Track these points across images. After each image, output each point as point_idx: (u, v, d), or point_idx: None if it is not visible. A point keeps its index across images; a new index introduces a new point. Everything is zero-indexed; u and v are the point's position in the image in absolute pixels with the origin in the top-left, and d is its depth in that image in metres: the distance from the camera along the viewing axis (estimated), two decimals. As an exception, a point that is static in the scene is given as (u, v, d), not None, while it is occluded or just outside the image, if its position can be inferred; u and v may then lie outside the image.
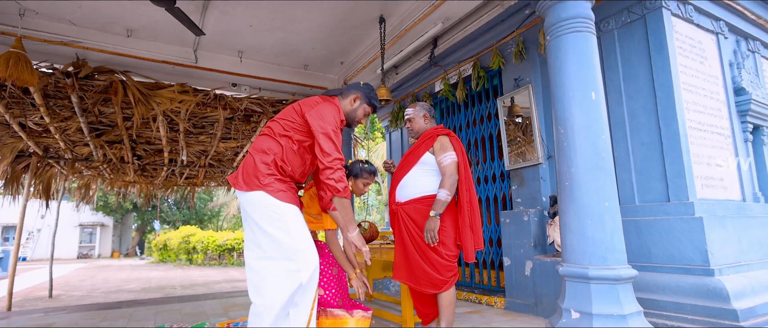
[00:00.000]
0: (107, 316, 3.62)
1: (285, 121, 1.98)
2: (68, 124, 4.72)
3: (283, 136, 1.95)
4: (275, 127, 1.99)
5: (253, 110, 4.93)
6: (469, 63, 4.10)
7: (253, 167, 1.91)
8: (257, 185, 1.88)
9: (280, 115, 2.03)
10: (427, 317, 2.44)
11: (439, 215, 2.22)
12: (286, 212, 1.86)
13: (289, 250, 1.82)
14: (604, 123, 2.28)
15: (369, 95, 2.11)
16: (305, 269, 1.81)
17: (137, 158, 6.26)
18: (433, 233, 2.19)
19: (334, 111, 1.94)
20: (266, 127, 2.03)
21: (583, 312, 2.08)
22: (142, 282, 8.97)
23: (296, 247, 1.82)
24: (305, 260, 1.82)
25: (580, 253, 2.17)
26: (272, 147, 1.94)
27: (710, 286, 2.36)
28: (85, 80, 3.92)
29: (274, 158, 1.92)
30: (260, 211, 1.87)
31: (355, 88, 2.13)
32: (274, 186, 1.88)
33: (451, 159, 2.30)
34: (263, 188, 1.87)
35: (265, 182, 1.87)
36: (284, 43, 4.36)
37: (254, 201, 1.88)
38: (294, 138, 1.95)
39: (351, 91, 2.11)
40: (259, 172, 1.89)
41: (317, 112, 1.91)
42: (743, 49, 3.61)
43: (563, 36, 2.39)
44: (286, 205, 1.88)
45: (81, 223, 21.40)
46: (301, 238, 1.85)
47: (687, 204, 2.61)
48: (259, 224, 1.87)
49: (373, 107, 2.13)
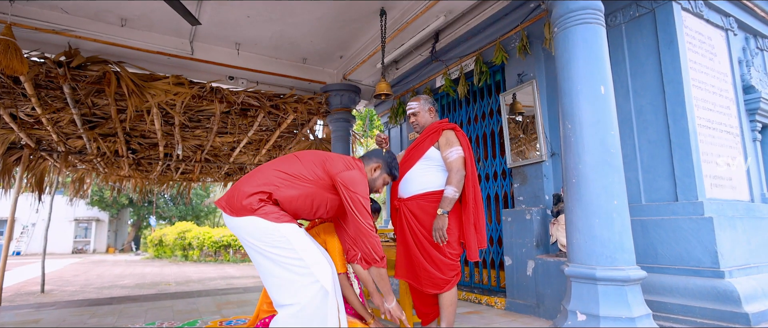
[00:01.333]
0: (96, 312, 3.52)
1: (300, 167, 1.89)
2: (61, 116, 4.61)
3: (300, 179, 1.86)
4: (286, 167, 1.88)
5: (251, 104, 4.82)
6: (472, 58, 4.01)
7: (242, 199, 1.79)
8: (247, 212, 1.78)
9: (293, 162, 1.91)
10: (427, 317, 2.35)
11: (447, 213, 2.14)
12: (283, 231, 1.78)
13: (300, 267, 1.75)
14: (613, 118, 2.20)
15: (390, 165, 2.10)
16: (324, 278, 1.76)
17: (132, 152, 6.15)
18: (442, 232, 2.11)
19: (364, 181, 1.90)
20: (273, 168, 1.90)
21: (589, 314, 2.00)
22: (136, 278, 8.87)
23: (306, 262, 1.76)
24: (321, 272, 1.77)
25: (587, 253, 2.09)
26: (273, 181, 1.83)
27: (720, 288, 2.28)
28: (78, 70, 3.81)
29: (271, 195, 1.82)
30: (257, 235, 1.78)
31: (376, 156, 2.10)
32: (265, 210, 1.79)
33: (457, 154, 2.21)
34: (254, 214, 1.78)
35: (256, 207, 1.78)
36: (282, 35, 4.26)
37: (245, 225, 1.79)
38: (313, 185, 1.87)
39: (372, 158, 2.08)
40: (250, 203, 1.78)
41: (349, 178, 1.86)
42: (752, 46, 3.54)
43: (572, 28, 2.30)
44: (283, 224, 1.79)
45: (76, 217, 21.26)
46: (308, 252, 1.79)
47: (696, 204, 2.53)
48: (261, 248, 1.78)
49: (393, 177, 2.13)
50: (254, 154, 6.81)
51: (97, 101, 4.41)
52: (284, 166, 1.90)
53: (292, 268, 1.75)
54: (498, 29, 3.73)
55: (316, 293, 1.74)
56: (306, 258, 1.76)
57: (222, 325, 2.69)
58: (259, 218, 1.77)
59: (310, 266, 1.76)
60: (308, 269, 1.75)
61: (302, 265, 1.75)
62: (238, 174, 8.02)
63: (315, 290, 1.74)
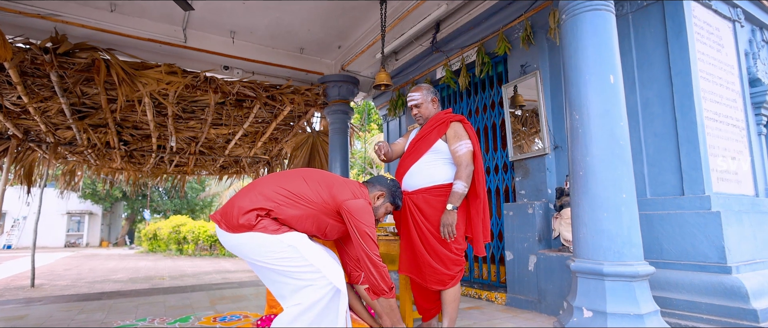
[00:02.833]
0: (85, 308, 3.41)
1: (305, 188, 1.79)
2: (49, 105, 4.46)
3: (304, 200, 1.77)
4: (290, 185, 1.78)
5: (246, 95, 4.70)
6: (473, 48, 3.92)
7: (239, 216, 1.68)
8: (245, 229, 1.69)
9: (297, 181, 1.81)
10: (428, 312, 2.28)
11: (457, 209, 2.06)
12: (287, 240, 1.69)
13: (311, 273, 1.68)
14: (622, 108, 2.13)
15: (394, 195, 2.03)
16: (336, 279, 1.71)
17: (124, 144, 6.01)
18: (451, 228, 2.04)
19: (370, 211, 1.84)
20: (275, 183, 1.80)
21: (596, 311, 1.94)
22: (129, 272, 8.75)
23: (317, 267, 1.69)
24: (332, 274, 1.71)
25: (594, 248, 2.03)
26: (274, 198, 1.73)
27: (727, 284, 2.23)
28: (65, 57, 3.67)
29: (270, 212, 1.72)
30: (259, 251, 1.69)
31: (381, 183, 2.01)
32: (263, 224, 1.69)
33: (466, 148, 2.12)
34: (252, 230, 1.68)
35: (254, 223, 1.68)
36: (279, 23, 4.14)
37: (244, 242, 1.69)
38: (316, 208, 1.79)
39: (376, 186, 2.00)
40: (248, 220, 1.68)
41: (356, 208, 1.77)
42: (759, 39, 3.48)
43: (580, 14, 2.22)
44: (284, 235, 1.70)
45: (69, 211, 20.99)
46: (317, 257, 1.71)
47: (703, 198, 2.47)
48: (266, 262, 1.69)
49: (395, 207, 2.07)
50: (250, 146, 6.69)
51: (86, 90, 4.27)
52: (288, 183, 1.79)
53: (303, 275, 1.69)
54: (501, 19, 3.64)
55: (329, 291, 1.69)
56: (316, 263, 1.71)
57: (216, 321, 2.60)
58: (258, 233, 1.68)
59: (321, 270, 1.70)
60: (320, 273, 1.69)
61: (313, 270, 1.70)
62: (234, 167, 7.90)
63: (328, 289, 1.69)
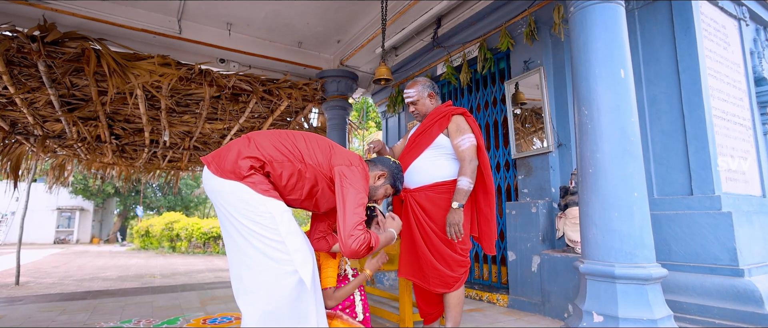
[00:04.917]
0: (68, 308, 3.26)
1: (303, 146, 1.69)
2: (36, 96, 4.31)
3: (299, 161, 1.66)
4: (288, 143, 1.68)
5: (242, 89, 4.58)
6: (475, 44, 3.83)
7: (233, 161, 1.59)
8: (235, 176, 1.58)
9: (296, 140, 1.71)
10: (430, 316, 2.18)
11: (463, 207, 1.96)
12: (270, 206, 1.56)
13: (279, 252, 1.54)
14: (633, 104, 2.05)
15: (395, 176, 1.89)
16: (303, 268, 1.55)
17: (115, 138, 5.85)
18: (458, 227, 1.93)
19: (365, 181, 1.68)
20: (274, 138, 1.70)
21: (607, 315, 1.86)
22: (119, 270, 8.58)
23: (288, 248, 1.54)
24: (302, 261, 1.55)
25: (604, 249, 1.95)
26: (270, 153, 1.63)
27: (740, 287, 2.16)
28: (54, 46, 3.53)
29: (264, 165, 1.61)
30: (238, 206, 1.56)
31: (383, 163, 1.89)
32: (254, 179, 1.58)
33: (470, 142, 2.02)
34: (242, 180, 1.57)
35: (245, 174, 1.58)
36: (277, 16, 4.03)
37: (229, 190, 1.57)
38: (310, 171, 1.67)
39: (378, 165, 1.88)
40: (239, 167, 1.58)
41: (350, 172, 1.63)
42: (763, 38, 3.44)
43: (590, 6, 2.14)
44: (270, 199, 1.58)
45: (59, 206, 20.66)
46: (292, 236, 1.57)
47: (713, 198, 2.40)
48: (239, 221, 1.56)
49: (395, 190, 1.93)
50: (245, 143, 6.56)
51: (76, 81, 4.13)
52: (286, 141, 1.69)
53: (270, 250, 1.53)
54: (504, 14, 3.56)
55: (293, 287, 1.53)
56: (288, 242, 1.55)
57: (205, 323, 2.48)
58: (246, 186, 1.56)
59: (291, 253, 1.54)
60: (288, 256, 1.53)
61: (282, 250, 1.54)
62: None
63: (292, 282, 1.53)
